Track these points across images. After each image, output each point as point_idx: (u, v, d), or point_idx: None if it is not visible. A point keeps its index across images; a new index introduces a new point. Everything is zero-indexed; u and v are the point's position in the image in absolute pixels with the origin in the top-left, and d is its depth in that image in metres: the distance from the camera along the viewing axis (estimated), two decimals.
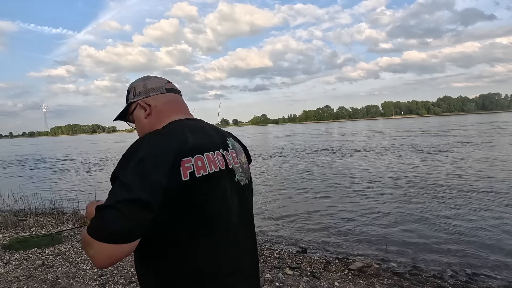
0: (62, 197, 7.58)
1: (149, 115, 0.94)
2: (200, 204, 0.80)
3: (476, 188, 7.17)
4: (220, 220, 0.84)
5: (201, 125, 0.94)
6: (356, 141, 24.55)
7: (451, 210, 5.67)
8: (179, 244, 0.79)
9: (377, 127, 54.30)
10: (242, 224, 0.92)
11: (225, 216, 0.85)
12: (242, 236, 0.91)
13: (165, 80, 1.01)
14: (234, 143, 1.00)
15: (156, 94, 0.96)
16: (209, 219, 0.81)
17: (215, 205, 0.83)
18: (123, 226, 0.68)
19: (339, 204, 6.56)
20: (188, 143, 0.82)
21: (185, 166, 0.78)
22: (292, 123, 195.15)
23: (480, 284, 3.22)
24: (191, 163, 0.79)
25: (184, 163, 0.78)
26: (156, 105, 0.95)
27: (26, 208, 6.57)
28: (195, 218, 0.79)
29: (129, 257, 3.71)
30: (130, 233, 0.69)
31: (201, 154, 0.83)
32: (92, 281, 3.08)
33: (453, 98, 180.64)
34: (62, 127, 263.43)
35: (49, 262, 3.62)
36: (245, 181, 0.97)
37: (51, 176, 13.67)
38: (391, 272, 3.50)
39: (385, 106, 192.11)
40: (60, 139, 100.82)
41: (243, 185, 0.95)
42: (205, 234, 0.81)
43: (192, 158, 0.80)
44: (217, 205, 0.84)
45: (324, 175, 10.15)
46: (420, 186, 7.77)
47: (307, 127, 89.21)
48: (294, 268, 3.42)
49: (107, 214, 0.68)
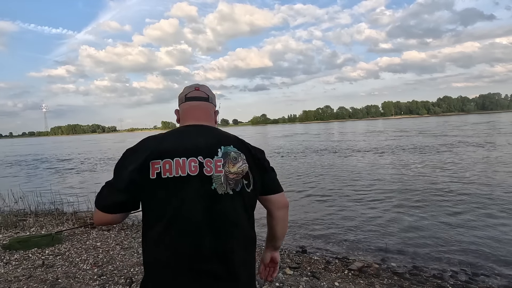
0: (62, 197, 7.59)
1: (178, 120, 1.19)
2: (161, 200, 0.97)
3: (476, 188, 7.17)
4: (178, 215, 0.96)
5: (196, 131, 1.06)
6: (356, 141, 24.56)
7: (451, 210, 5.66)
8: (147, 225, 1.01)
9: (377, 127, 54.30)
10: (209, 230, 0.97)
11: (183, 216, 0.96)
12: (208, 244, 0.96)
13: (192, 88, 1.17)
14: (231, 152, 1.02)
15: (181, 103, 1.18)
16: (168, 214, 0.96)
17: (177, 203, 0.96)
18: (102, 201, 1.01)
19: (339, 204, 6.55)
20: (159, 149, 0.99)
21: (154, 167, 0.96)
22: (292, 123, 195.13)
23: (480, 284, 3.22)
24: (159, 165, 0.97)
25: (153, 164, 0.97)
26: (180, 113, 1.18)
27: (26, 208, 6.57)
28: (158, 210, 0.97)
29: (129, 257, 3.72)
30: (107, 207, 1.00)
31: (171, 158, 0.97)
32: (92, 281, 3.08)
33: (453, 98, 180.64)
34: (62, 127, 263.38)
35: (49, 262, 3.62)
36: (226, 191, 0.99)
37: (51, 176, 13.67)
38: (391, 272, 3.50)
39: (385, 106, 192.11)
40: (60, 139, 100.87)
41: (220, 194, 0.98)
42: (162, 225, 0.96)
43: (161, 161, 0.97)
44: (180, 204, 0.96)
45: (324, 175, 10.15)
46: (420, 186, 7.77)
47: (307, 127, 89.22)
48: (294, 268, 3.42)
49: (98, 193, 1.03)
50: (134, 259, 3.69)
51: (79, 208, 6.70)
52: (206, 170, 0.98)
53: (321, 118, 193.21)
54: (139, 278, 3.12)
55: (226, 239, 0.98)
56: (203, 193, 0.97)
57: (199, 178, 0.97)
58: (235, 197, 1.01)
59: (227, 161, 1.01)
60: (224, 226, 0.98)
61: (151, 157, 0.97)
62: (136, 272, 3.27)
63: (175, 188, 0.96)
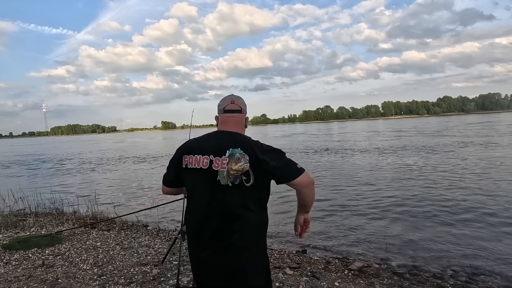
0: (62, 197, 7.60)
1: (217, 125, 1.56)
2: (187, 182, 1.46)
3: (477, 189, 7.17)
4: (193, 194, 1.43)
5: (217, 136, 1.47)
6: (356, 141, 24.56)
7: (451, 210, 5.66)
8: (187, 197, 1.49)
9: (377, 127, 54.27)
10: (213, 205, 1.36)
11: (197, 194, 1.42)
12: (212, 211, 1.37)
13: (228, 102, 1.52)
14: (236, 153, 1.35)
15: (219, 113, 1.55)
16: (190, 192, 1.45)
17: (192, 186, 1.44)
18: (164, 179, 1.58)
19: (339, 204, 6.56)
20: (189, 148, 1.46)
21: (184, 160, 1.45)
22: (292, 123, 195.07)
23: (480, 284, 3.22)
24: (187, 159, 1.44)
25: (184, 158, 1.45)
26: (218, 120, 1.55)
27: (26, 208, 6.57)
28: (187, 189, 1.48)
29: (129, 257, 3.71)
30: (165, 183, 1.58)
31: (193, 155, 1.42)
32: (92, 281, 3.08)
33: (453, 98, 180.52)
34: (62, 127, 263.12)
35: (49, 262, 3.62)
36: (227, 183, 1.35)
37: (51, 176, 13.67)
38: (391, 272, 3.50)
39: (385, 106, 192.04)
40: (60, 139, 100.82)
41: (223, 184, 1.35)
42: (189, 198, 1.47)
43: (187, 156, 1.44)
44: (193, 186, 1.43)
45: (323, 175, 10.15)
46: (420, 186, 7.77)
47: (307, 127, 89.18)
48: (294, 268, 3.42)
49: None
50: (134, 259, 3.69)
51: (79, 208, 6.70)
52: (214, 166, 1.36)
53: (321, 118, 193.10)
54: (139, 278, 3.12)
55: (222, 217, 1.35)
56: (209, 182, 1.36)
57: (208, 171, 1.37)
58: (233, 189, 1.34)
59: (231, 160, 1.34)
60: (222, 208, 1.35)
61: (183, 153, 1.46)
62: (136, 272, 3.27)
63: (192, 176, 1.42)
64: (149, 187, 9.77)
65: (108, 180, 11.85)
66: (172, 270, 3.28)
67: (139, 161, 18.30)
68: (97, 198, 6.90)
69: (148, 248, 4.09)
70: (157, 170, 13.65)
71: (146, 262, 3.56)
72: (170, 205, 6.33)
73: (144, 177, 11.85)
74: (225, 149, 1.35)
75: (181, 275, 3.10)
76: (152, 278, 3.10)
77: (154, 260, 3.60)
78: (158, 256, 3.76)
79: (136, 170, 14.15)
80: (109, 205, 6.65)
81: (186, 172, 1.43)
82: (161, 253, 3.85)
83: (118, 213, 5.88)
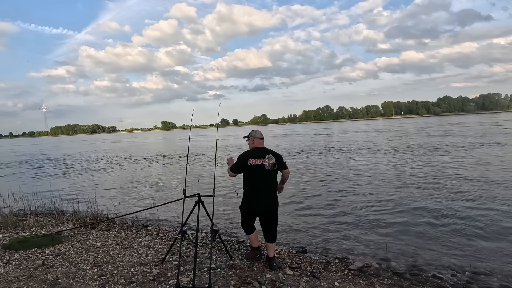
0: (62, 197, 7.60)
1: (250, 145, 3.53)
2: (249, 172, 3.32)
3: (477, 188, 7.18)
4: (256, 176, 3.30)
5: (260, 149, 3.39)
6: (356, 141, 24.55)
7: (451, 211, 5.66)
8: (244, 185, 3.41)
9: (378, 127, 54.26)
10: (266, 184, 3.32)
11: (255, 180, 3.31)
12: (264, 189, 3.31)
13: (259, 134, 3.48)
14: (270, 156, 3.30)
15: (254, 138, 3.48)
16: (250, 178, 3.33)
17: (252, 175, 3.31)
18: (234, 168, 3.39)
19: (339, 204, 6.55)
20: (251, 155, 3.32)
21: (249, 161, 3.29)
22: (292, 123, 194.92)
23: (480, 284, 3.22)
24: (251, 160, 3.28)
25: (249, 161, 3.28)
26: (252, 141, 3.49)
27: (26, 208, 6.57)
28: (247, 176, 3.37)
29: (129, 257, 3.71)
30: (234, 170, 3.40)
31: (253, 158, 3.29)
32: (92, 281, 3.08)
33: (453, 98, 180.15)
34: (62, 127, 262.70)
35: (49, 262, 3.62)
36: (269, 169, 3.27)
37: (51, 176, 13.66)
38: (391, 272, 3.50)
39: (385, 106, 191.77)
40: (60, 139, 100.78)
41: (268, 169, 3.27)
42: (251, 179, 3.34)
43: (251, 159, 3.28)
44: (253, 175, 3.30)
45: (323, 175, 10.15)
46: (420, 186, 7.77)
47: (307, 127, 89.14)
48: (294, 268, 3.42)
49: (232, 165, 3.40)
50: (134, 259, 3.69)
51: (79, 208, 6.70)
52: (263, 162, 3.26)
53: (321, 118, 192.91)
54: (139, 278, 3.12)
55: (271, 189, 3.36)
56: (262, 170, 3.27)
57: (262, 166, 3.26)
58: (271, 171, 3.30)
59: (268, 159, 3.28)
60: (271, 184, 3.34)
61: (249, 157, 3.29)
62: (136, 272, 3.27)
63: (253, 169, 3.27)
64: (149, 187, 9.77)
65: (108, 180, 11.85)
66: (172, 270, 3.28)
67: (139, 161, 18.30)
68: (97, 198, 6.90)
69: (148, 248, 4.09)
70: (157, 170, 13.66)
71: (146, 262, 3.56)
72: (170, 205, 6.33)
73: (144, 177, 11.85)
74: (265, 154, 3.30)
75: (181, 275, 3.10)
76: (152, 278, 3.10)
77: (154, 260, 3.60)
78: (158, 256, 3.76)
79: (136, 170, 14.14)
80: (109, 205, 6.64)
81: (250, 167, 3.25)
82: (161, 253, 3.85)
83: (118, 213, 5.89)
